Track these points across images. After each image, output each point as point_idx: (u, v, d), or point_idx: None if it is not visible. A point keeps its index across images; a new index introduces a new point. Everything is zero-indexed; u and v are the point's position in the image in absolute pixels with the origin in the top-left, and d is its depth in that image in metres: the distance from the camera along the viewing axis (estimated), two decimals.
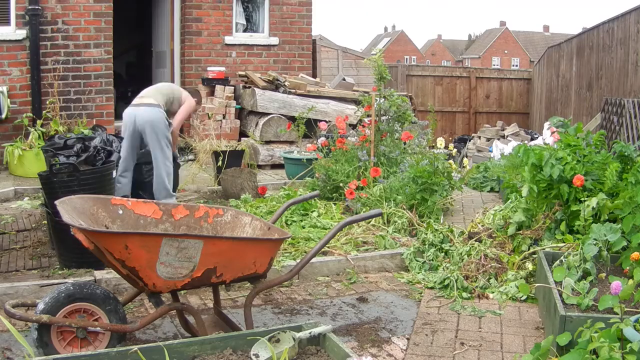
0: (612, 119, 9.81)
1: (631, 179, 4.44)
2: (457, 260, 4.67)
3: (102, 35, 9.33)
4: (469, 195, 7.31)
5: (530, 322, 3.90)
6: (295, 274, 3.42)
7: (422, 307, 4.13)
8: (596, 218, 4.39)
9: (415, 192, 5.82)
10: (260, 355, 2.62)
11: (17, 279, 4.27)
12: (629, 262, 3.73)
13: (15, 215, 6.19)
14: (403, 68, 16.94)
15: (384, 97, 7.13)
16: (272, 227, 3.44)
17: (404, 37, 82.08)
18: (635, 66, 9.60)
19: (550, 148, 4.87)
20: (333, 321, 3.86)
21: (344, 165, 6.62)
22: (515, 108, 17.04)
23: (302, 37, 11.38)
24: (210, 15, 10.66)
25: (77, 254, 4.33)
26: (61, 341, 3.02)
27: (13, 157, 7.96)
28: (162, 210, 3.51)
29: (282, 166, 8.63)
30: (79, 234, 3.00)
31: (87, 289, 3.10)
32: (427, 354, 3.43)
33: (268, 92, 9.63)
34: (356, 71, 12.30)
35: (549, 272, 3.76)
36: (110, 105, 9.56)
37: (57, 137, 5.95)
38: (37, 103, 8.79)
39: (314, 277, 4.63)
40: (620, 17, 10.38)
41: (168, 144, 6.01)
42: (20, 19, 8.75)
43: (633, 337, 2.73)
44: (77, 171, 4.54)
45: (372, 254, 4.93)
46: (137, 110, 5.97)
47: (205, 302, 4.12)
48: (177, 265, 2.99)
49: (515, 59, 70.68)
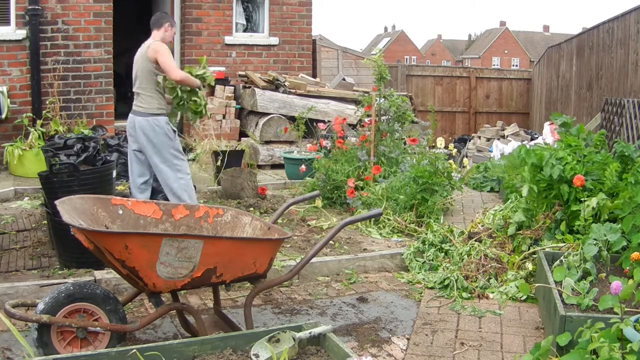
0: (612, 119, 9.80)
1: (631, 179, 4.44)
2: (457, 260, 4.67)
3: (102, 35, 9.32)
4: (469, 195, 7.31)
5: (530, 322, 3.90)
6: (295, 274, 3.42)
7: (422, 307, 4.13)
8: (596, 218, 4.39)
9: (415, 192, 5.83)
10: (260, 355, 2.62)
11: (17, 279, 4.27)
12: (629, 262, 3.73)
13: (15, 215, 6.19)
14: (403, 68, 16.94)
15: (384, 97, 7.13)
16: (272, 227, 3.44)
17: (404, 37, 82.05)
18: (635, 66, 9.60)
19: (551, 148, 4.87)
20: (333, 321, 3.86)
21: (344, 166, 6.63)
22: (515, 108, 17.03)
23: (302, 37, 11.37)
24: (210, 15, 10.66)
25: (77, 254, 4.32)
26: (61, 341, 3.02)
27: (13, 157, 7.96)
28: (162, 210, 3.51)
29: (282, 166, 8.62)
30: (79, 234, 3.00)
31: (87, 289, 3.10)
32: (427, 354, 3.42)
33: (268, 92, 9.62)
34: (356, 71, 12.30)
35: (549, 272, 3.76)
36: (110, 105, 9.55)
37: (57, 137, 5.96)
38: (37, 103, 8.79)
39: (314, 277, 4.63)
40: (620, 17, 10.38)
41: (176, 153, 5.17)
42: (20, 19, 8.75)
43: (633, 337, 2.72)
44: (77, 171, 4.54)
45: (372, 254, 4.93)
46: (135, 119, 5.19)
47: (205, 302, 4.11)
48: (177, 265, 2.99)
49: (515, 59, 70.67)
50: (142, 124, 5.09)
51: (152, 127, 5.07)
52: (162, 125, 5.10)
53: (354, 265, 4.81)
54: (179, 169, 5.12)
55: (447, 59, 75.36)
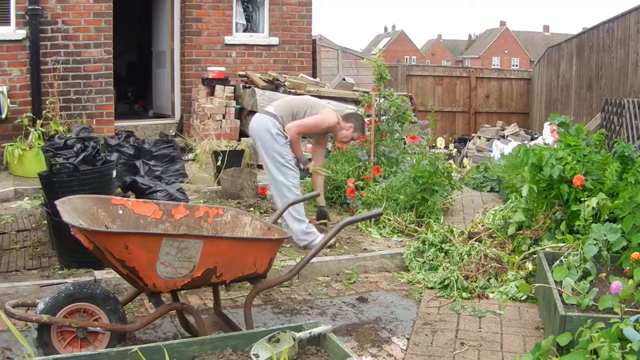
0: (612, 119, 9.80)
1: (631, 179, 4.44)
2: (457, 260, 4.67)
3: (102, 35, 9.32)
4: (469, 195, 7.31)
5: (530, 322, 3.90)
6: (295, 274, 3.42)
7: (422, 307, 4.13)
8: (596, 218, 4.39)
9: (415, 192, 5.83)
10: (260, 355, 2.62)
11: (17, 279, 4.27)
12: (629, 262, 3.73)
13: (15, 215, 6.18)
14: (403, 68, 16.95)
15: (384, 97, 7.13)
16: (272, 227, 3.44)
17: (404, 37, 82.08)
18: (635, 66, 9.60)
19: (550, 148, 4.87)
20: (333, 321, 3.86)
21: (344, 166, 6.63)
22: (515, 108, 17.04)
23: (302, 37, 11.37)
24: (210, 15, 10.65)
25: (77, 254, 4.32)
26: (61, 341, 3.02)
27: (13, 157, 7.95)
28: (162, 210, 3.51)
29: None
30: (79, 234, 3.00)
31: (87, 289, 3.10)
32: (427, 354, 3.42)
33: (268, 92, 9.62)
34: (356, 71, 12.30)
35: (549, 272, 3.76)
36: (110, 105, 9.54)
37: (57, 137, 5.94)
38: (37, 103, 8.78)
39: (314, 277, 4.63)
40: (620, 17, 10.38)
41: (284, 159, 5.05)
42: (20, 19, 8.74)
43: (633, 337, 2.73)
44: (77, 171, 4.53)
45: (372, 254, 4.94)
46: (252, 119, 5.24)
47: (205, 302, 4.11)
48: (177, 265, 2.99)
49: (515, 59, 70.70)
50: (257, 121, 5.20)
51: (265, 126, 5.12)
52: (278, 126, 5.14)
53: (354, 265, 4.81)
54: (285, 174, 5.12)
55: (447, 59, 75.38)
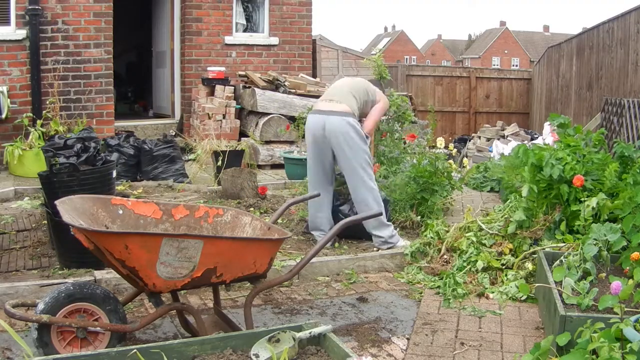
0: (612, 119, 9.81)
1: (631, 179, 4.44)
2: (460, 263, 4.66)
3: (102, 35, 9.32)
4: (469, 195, 7.31)
5: (530, 322, 3.90)
6: (295, 274, 3.42)
7: (422, 307, 4.13)
8: (596, 218, 4.39)
9: (416, 192, 5.83)
10: (260, 355, 2.62)
11: (17, 279, 4.27)
12: (629, 262, 3.73)
13: (15, 215, 6.19)
14: (403, 68, 16.95)
15: None
16: (272, 227, 3.44)
17: (404, 37, 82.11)
18: (635, 66, 9.61)
19: (550, 148, 4.87)
20: (333, 321, 3.86)
21: None
22: (515, 108, 17.04)
23: (302, 37, 11.38)
24: (210, 15, 10.66)
25: (77, 254, 4.32)
26: (61, 341, 3.02)
27: (13, 157, 7.95)
28: (162, 210, 3.51)
29: (282, 166, 8.62)
30: (79, 234, 3.00)
31: (87, 289, 3.10)
32: (427, 354, 3.42)
33: (268, 92, 9.62)
34: (356, 71, 12.30)
35: (549, 272, 3.76)
36: (110, 105, 9.55)
37: (57, 137, 5.95)
38: (37, 103, 8.79)
39: (314, 277, 4.63)
40: (620, 17, 10.39)
41: (371, 159, 5.02)
42: (20, 19, 8.75)
43: (633, 337, 2.73)
44: (77, 171, 4.53)
45: (372, 254, 4.94)
46: (327, 119, 4.94)
47: (205, 302, 4.11)
48: (177, 265, 2.99)
49: (515, 59, 70.70)
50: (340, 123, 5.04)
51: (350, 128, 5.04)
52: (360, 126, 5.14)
53: (354, 265, 4.81)
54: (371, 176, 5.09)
55: (447, 59, 75.39)
